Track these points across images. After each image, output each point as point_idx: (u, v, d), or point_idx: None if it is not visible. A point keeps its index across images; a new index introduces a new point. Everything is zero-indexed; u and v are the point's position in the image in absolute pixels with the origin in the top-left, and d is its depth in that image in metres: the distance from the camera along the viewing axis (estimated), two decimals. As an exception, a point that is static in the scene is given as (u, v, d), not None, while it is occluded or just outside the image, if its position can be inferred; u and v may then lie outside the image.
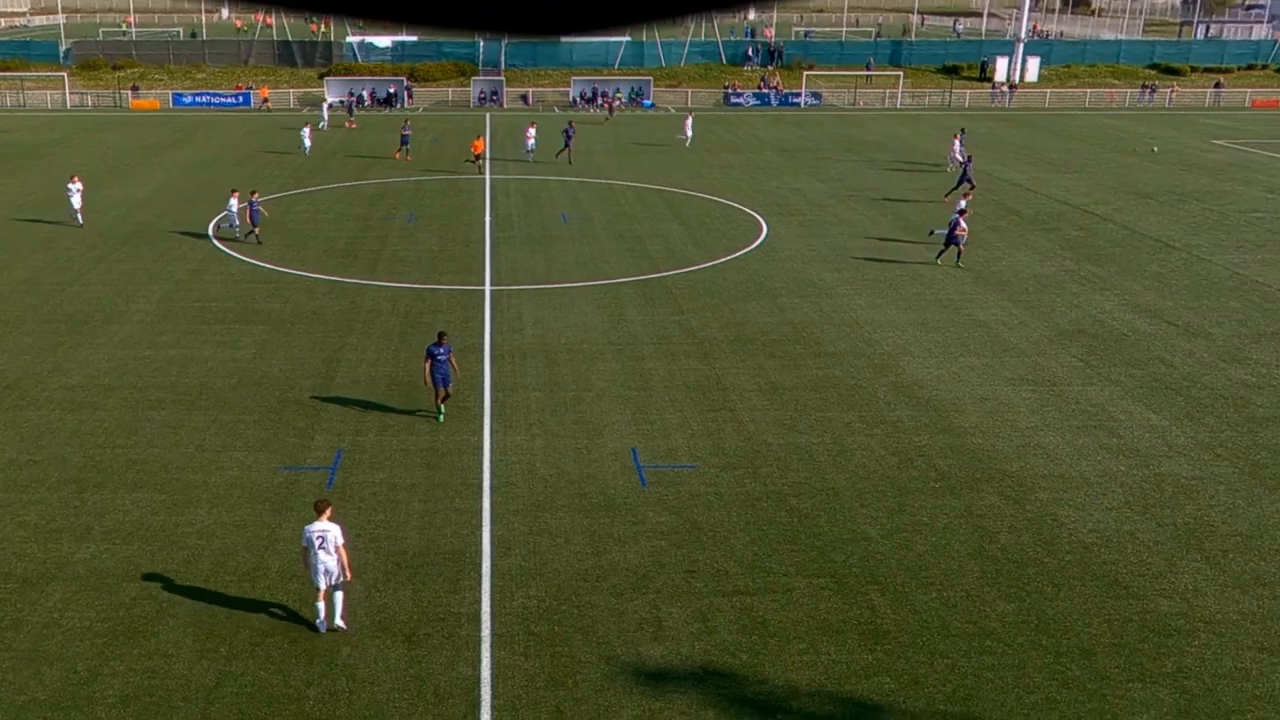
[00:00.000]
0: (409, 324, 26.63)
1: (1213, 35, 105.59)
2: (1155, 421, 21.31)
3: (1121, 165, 51.57)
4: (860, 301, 28.86)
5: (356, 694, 13.09)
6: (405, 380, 22.87)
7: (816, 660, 13.80)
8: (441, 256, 33.24)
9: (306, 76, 75.74)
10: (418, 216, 38.86)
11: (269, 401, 21.82)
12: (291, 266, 31.68)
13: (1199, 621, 14.73)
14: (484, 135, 48.42)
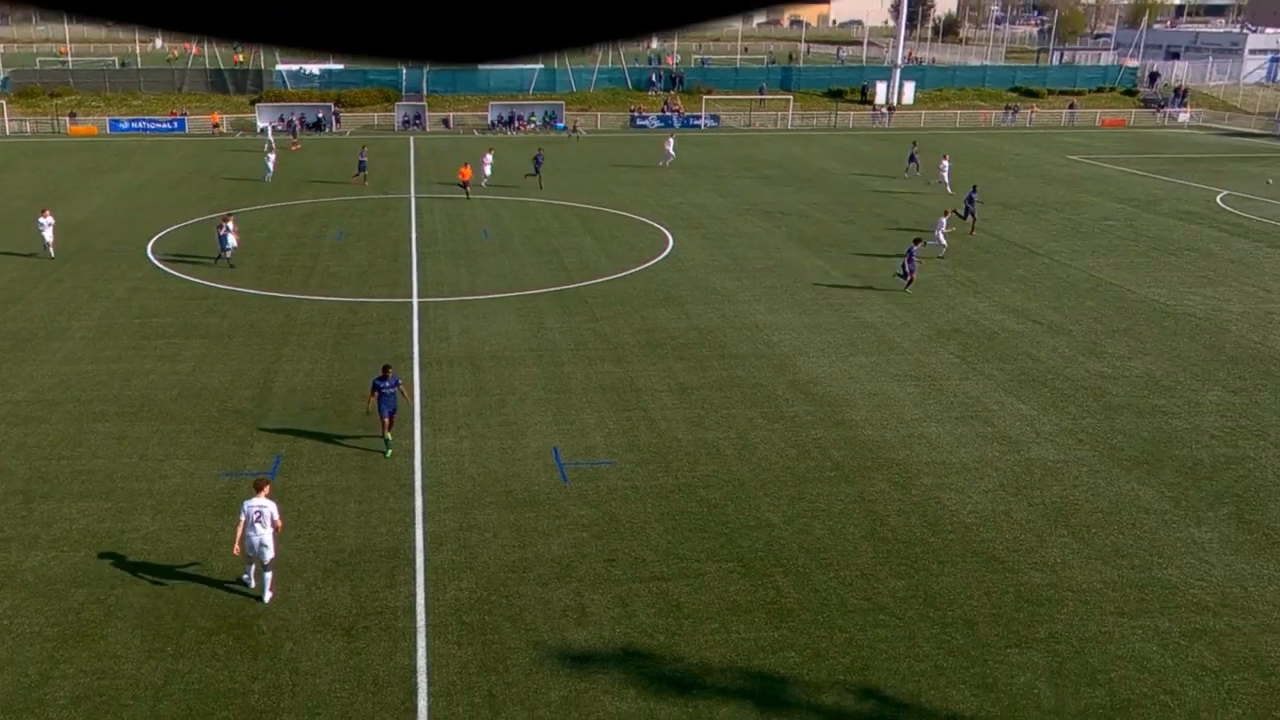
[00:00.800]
0: (342, 335, 26.20)
1: (1066, 61, 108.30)
2: (1024, 411, 21.79)
3: (989, 179, 52.57)
4: (759, 307, 29.08)
5: (300, 686, 12.84)
6: (339, 388, 22.52)
7: (727, 638, 13.87)
8: (371, 271, 32.76)
9: (238, 103, 74.06)
10: (347, 234, 38.24)
11: (209, 411, 21.31)
12: (228, 283, 30.97)
13: (1067, 591, 15.09)
14: (469, 162, 46.72)
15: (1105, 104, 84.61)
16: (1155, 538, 16.64)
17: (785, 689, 12.88)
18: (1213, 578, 15.47)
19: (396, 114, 72.92)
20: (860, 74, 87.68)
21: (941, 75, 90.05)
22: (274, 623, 14.13)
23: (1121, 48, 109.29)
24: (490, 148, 52.32)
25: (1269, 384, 23.50)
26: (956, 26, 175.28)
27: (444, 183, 49.07)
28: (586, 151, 61.00)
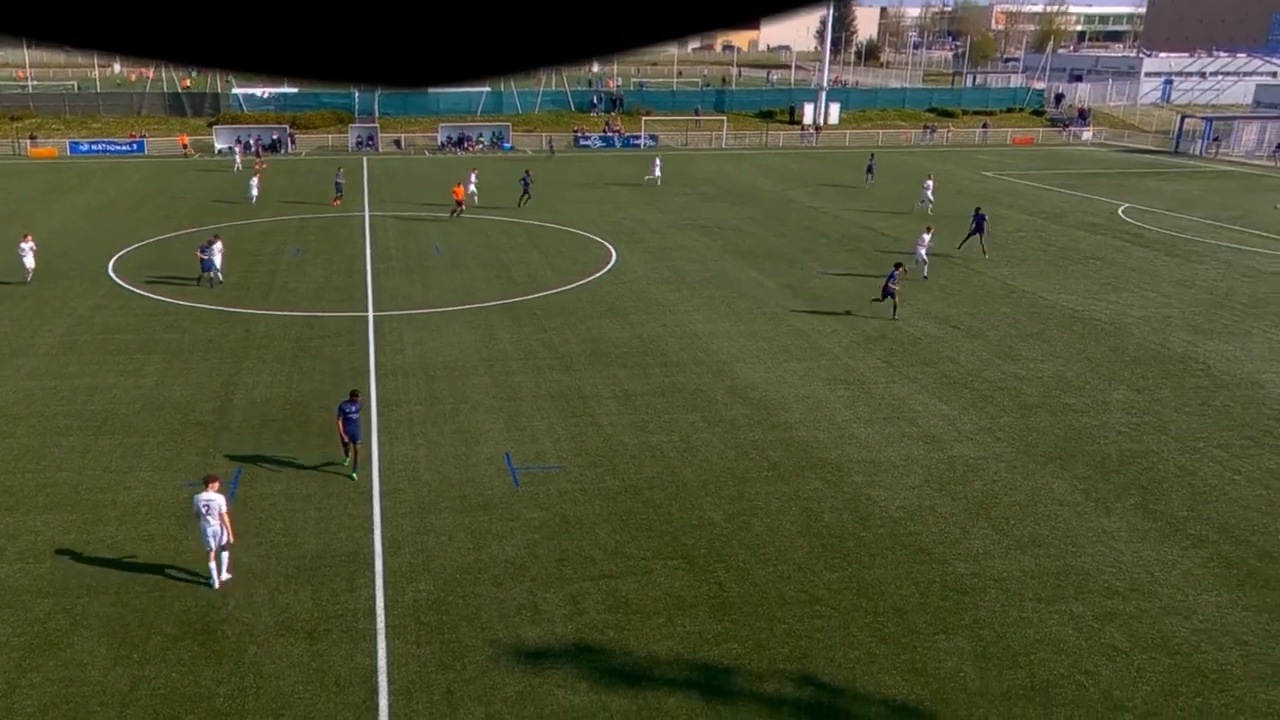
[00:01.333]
0: (300, 349, 25.83)
1: (979, 84, 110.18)
2: (947, 411, 22.07)
3: (909, 194, 53.23)
4: (698, 317, 29.16)
5: (264, 689, 12.62)
6: (298, 400, 22.20)
7: (673, 632, 13.87)
8: (327, 286, 32.36)
9: (196, 125, 72.85)
10: (304, 251, 37.75)
11: (171, 424, 20.90)
12: (188, 299, 30.41)
13: (989, 580, 15.30)
14: (463, 183, 45.59)
15: (1015, 123, 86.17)
16: (1069, 528, 16.92)
17: (729, 679, 12.91)
18: (1122, 564, 15.77)
19: (350, 135, 72.20)
20: (789, 96, 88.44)
21: (864, 97, 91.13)
22: (238, 627, 13.88)
23: (1029, 71, 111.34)
24: (474, 168, 51.34)
25: (1168, 383, 24.03)
26: (877, 51, 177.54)
27: (397, 201, 48.63)
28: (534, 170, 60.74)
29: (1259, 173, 64.94)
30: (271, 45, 0.84)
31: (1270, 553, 16.11)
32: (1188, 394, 23.28)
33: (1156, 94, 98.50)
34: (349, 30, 0.83)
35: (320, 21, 0.82)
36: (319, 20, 0.82)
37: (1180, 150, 75.31)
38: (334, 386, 22.99)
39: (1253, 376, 24.51)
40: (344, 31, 0.83)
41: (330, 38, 0.83)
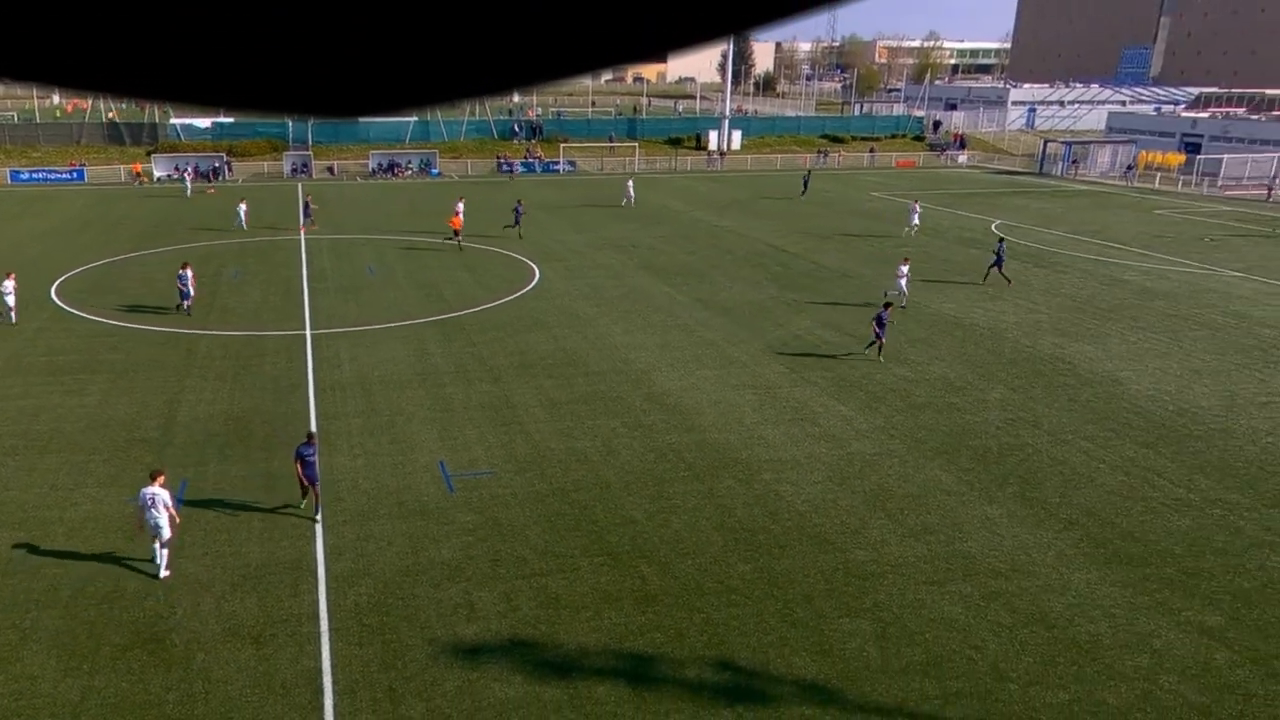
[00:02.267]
0: (241, 367, 25.14)
1: (866, 112, 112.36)
2: (844, 412, 22.39)
3: (806, 214, 54.09)
4: (617, 329, 29.15)
5: (212, 694, 12.22)
6: (240, 415, 21.59)
7: (601, 624, 13.81)
8: (265, 306, 31.57)
9: (135, 154, 70.52)
10: (243, 273, 36.78)
11: (116, 441, 20.16)
12: (131, 321, 29.40)
13: (886, 566, 15.54)
14: (459, 213, 42.67)
15: (899, 148, 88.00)
16: (956, 516, 17.29)
17: (653, 666, 12.88)
18: (1003, 548, 16.16)
19: (285, 163, 70.64)
20: (695, 124, 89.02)
21: (763, 124, 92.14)
22: (186, 635, 13.42)
23: (910, 100, 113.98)
24: (461, 196, 48.95)
25: (1040, 382, 24.74)
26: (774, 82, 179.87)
27: (331, 224, 47.67)
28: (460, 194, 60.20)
29: (1112, 191, 67.35)
30: (209, 77, 0.83)
31: (1132, 533, 16.67)
32: (1057, 391, 23.99)
33: (1022, 121, 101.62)
34: (284, 62, 0.82)
35: (256, 54, 0.81)
36: (255, 53, 0.80)
37: (1044, 171, 77.73)
38: (274, 402, 22.45)
39: (1113, 374, 25.36)
40: (279, 63, 0.82)
41: (266, 70, 0.82)
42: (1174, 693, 12.46)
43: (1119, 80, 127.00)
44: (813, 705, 12.10)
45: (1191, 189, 67.30)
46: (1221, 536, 16.61)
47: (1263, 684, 12.65)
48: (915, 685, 12.52)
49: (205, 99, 0.86)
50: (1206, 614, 14.25)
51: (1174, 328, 30.18)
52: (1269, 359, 27.02)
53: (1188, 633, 13.77)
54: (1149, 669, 12.94)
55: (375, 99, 0.86)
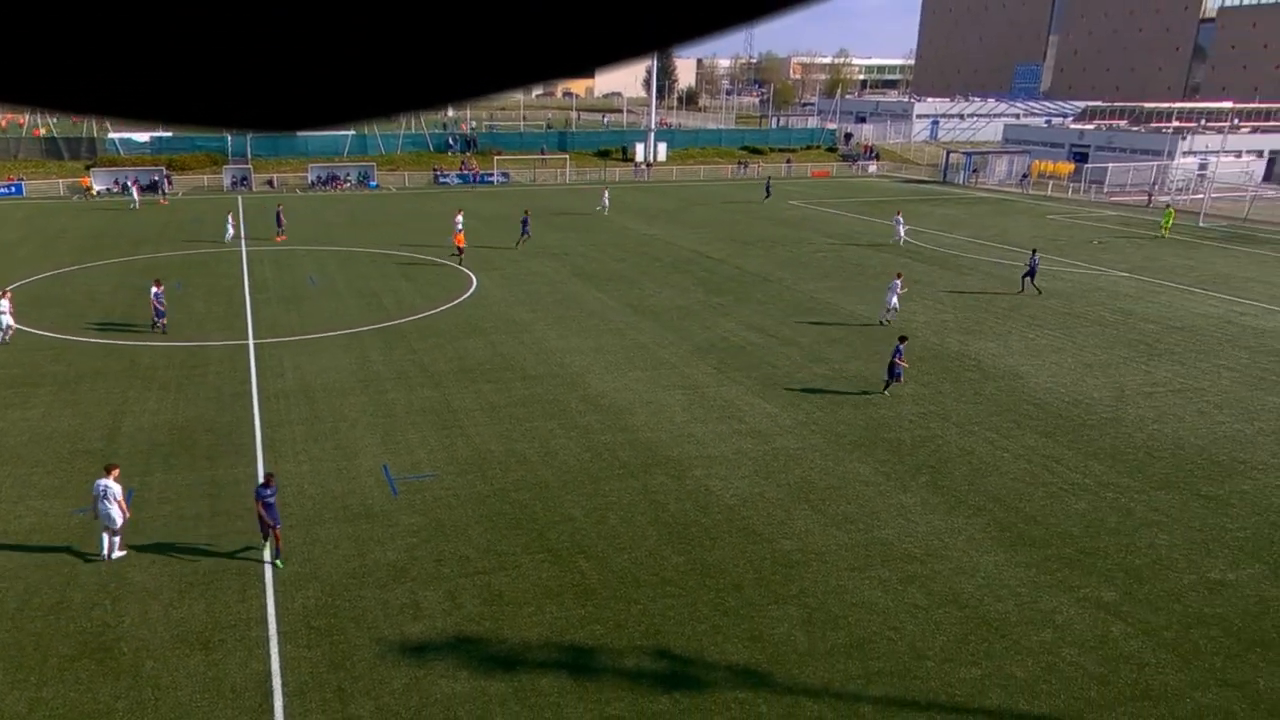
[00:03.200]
0: (184, 377, 24.42)
1: (783, 125, 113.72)
2: (769, 409, 22.60)
3: (729, 222, 54.49)
4: (552, 334, 29.02)
5: (162, 700, 11.85)
6: (184, 425, 20.98)
7: (543, 619, 13.73)
8: (209, 317, 30.71)
9: (73, 168, 68.03)
10: (185, 284, 35.74)
11: (60, 453, 19.43)
12: (73, 334, 28.35)
13: (811, 554, 15.73)
14: (463, 230, 41.55)
15: (814, 159, 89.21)
16: (873, 505, 17.58)
17: (593, 657, 12.85)
18: (918, 533, 16.48)
19: (225, 176, 68.78)
20: (622, 136, 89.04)
21: (687, 137, 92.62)
22: (134, 644, 12.99)
23: (823, 113, 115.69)
24: (459, 209, 47.86)
25: (948, 377, 25.29)
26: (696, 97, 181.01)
27: (270, 235, 46.56)
28: (398, 206, 59.40)
29: (1010, 198, 69.19)
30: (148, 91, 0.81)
31: (1034, 517, 17.14)
32: (963, 386, 24.55)
33: (926, 133, 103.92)
34: (224, 79, 0.81)
35: (196, 70, 0.79)
36: (195, 69, 0.79)
37: (947, 180, 79.50)
38: (218, 411, 21.86)
39: (1014, 369, 26.04)
40: (219, 80, 0.81)
41: (206, 86, 0.81)
42: (1075, 664, 12.84)
43: (1013, 95, 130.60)
44: (745, 689, 12.20)
45: (1080, 195, 69.48)
46: (1114, 518, 17.17)
47: (1154, 653, 13.11)
48: (840, 666, 12.70)
49: (145, 114, 0.84)
50: (1103, 590, 14.72)
51: (1068, 325, 31.12)
52: (1153, 352, 28.02)
53: (1086, 608, 14.20)
54: (1052, 643, 13.31)
55: (314, 114, 0.86)
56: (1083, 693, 12.25)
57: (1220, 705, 12.05)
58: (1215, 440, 21.03)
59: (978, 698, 12.12)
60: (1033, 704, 12.02)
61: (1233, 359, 27.44)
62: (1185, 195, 67.14)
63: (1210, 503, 17.89)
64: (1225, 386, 24.84)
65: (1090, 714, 11.84)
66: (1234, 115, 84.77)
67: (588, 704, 11.86)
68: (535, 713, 11.68)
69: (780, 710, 11.79)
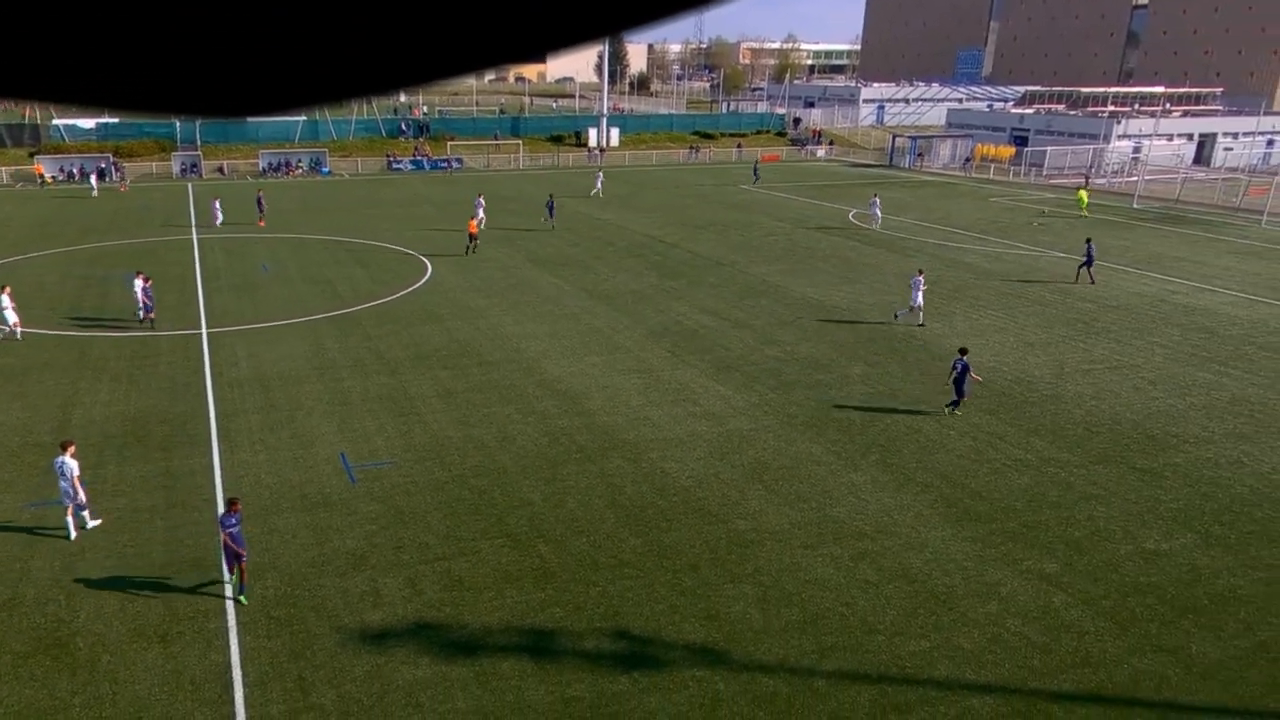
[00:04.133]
0: (136, 367, 23.88)
1: (733, 110, 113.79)
2: (723, 392, 22.71)
3: (681, 206, 54.49)
4: (508, 320, 28.84)
5: (120, 695, 11.63)
6: (137, 416, 20.53)
7: (503, 603, 13.70)
8: (160, 306, 29.94)
9: (16, 155, 65.96)
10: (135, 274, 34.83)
11: (9, 446, 18.91)
12: (20, 324, 27.52)
13: (765, 533, 15.87)
14: (475, 217, 40.93)
15: (764, 143, 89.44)
16: (825, 484, 17.77)
17: (554, 640, 12.86)
18: (868, 511, 16.70)
19: (174, 163, 67.21)
20: (575, 122, 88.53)
21: (639, 122, 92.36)
22: (90, 639, 12.73)
23: (772, 98, 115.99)
24: (480, 192, 49.25)
25: (895, 357, 25.60)
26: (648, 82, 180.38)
27: (223, 223, 45.59)
28: (351, 192, 58.51)
29: (953, 181, 70.04)
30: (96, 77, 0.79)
31: (979, 493, 17.46)
32: (910, 366, 24.87)
33: (873, 117, 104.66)
34: (172, 62, 0.79)
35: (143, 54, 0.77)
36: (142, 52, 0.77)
37: (894, 164, 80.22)
38: (171, 401, 21.42)
39: (958, 348, 26.38)
40: (166, 63, 0.79)
41: (154, 70, 0.79)
42: (1019, 634, 13.13)
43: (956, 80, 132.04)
44: (703, 667, 12.29)
45: (1021, 179, 70.56)
46: (1055, 492, 17.56)
47: (1093, 622, 13.45)
48: (794, 642, 12.85)
49: (93, 100, 0.82)
50: (1045, 562, 15.05)
51: (1009, 305, 31.64)
52: (1090, 330, 28.61)
53: (1029, 580, 14.52)
54: (997, 614, 13.59)
55: (265, 99, 0.84)
56: (1026, 662, 12.54)
57: (1156, 670, 12.41)
58: (1150, 415, 21.57)
59: (926, 669, 12.35)
60: (979, 674, 12.28)
61: (1165, 336, 28.13)
62: (1120, 178, 68.50)
63: (1145, 475, 18.36)
64: (1159, 363, 25.47)
65: (1034, 682, 12.13)
66: (1166, 100, 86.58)
67: (549, 686, 11.87)
68: (497, 696, 11.67)
69: (737, 687, 11.91)
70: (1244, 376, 24.40)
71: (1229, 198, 58.31)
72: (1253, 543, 15.77)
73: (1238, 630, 13.32)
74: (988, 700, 11.77)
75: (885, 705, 11.65)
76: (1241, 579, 14.65)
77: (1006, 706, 11.66)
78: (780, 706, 11.57)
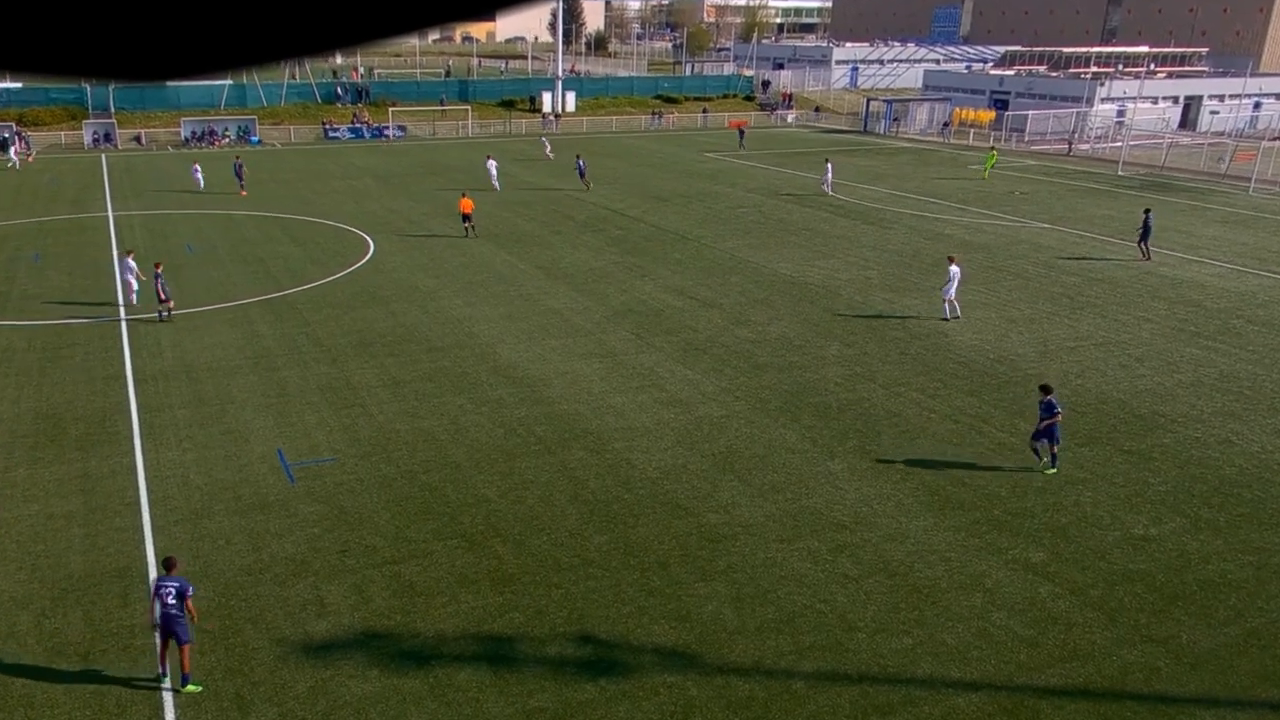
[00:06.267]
0: (48, 359, 23.34)
1: (697, 72, 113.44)
2: (690, 376, 22.71)
3: (643, 176, 54.30)
4: (458, 302, 28.59)
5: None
6: (50, 413, 20.08)
7: (458, 609, 13.61)
8: (74, 291, 29.35)
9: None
10: (44, 255, 34.05)
11: (-91, 450, 18.41)
12: (-83, 314, 26.83)
13: (738, 527, 15.92)
14: (469, 195, 39.32)
15: (731, 108, 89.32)
16: (801, 473, 17.86)
17: (513, 647, 12.81)
18: (846, 501, 16.81)
19: (85, 132, 65.60)
20: (528, 85, 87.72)
21: (597, 85, 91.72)
22: (3, 659, 12.44)
23: (739, 60, 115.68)
24: (488, 155, 51.19)
25: (873, 337, 25.77)
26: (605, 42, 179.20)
27: (142, 200, 44.66)
28: (285, 163, 57.56)
29: (930, 148, 70.52)
30: None
31: (962, 479, 17.65)
32: (889, 345, 25.05)
33: (846, 80, 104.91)
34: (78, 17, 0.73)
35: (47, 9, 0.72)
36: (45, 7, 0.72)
37: (868, 130, 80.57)
38: (90, 396, 20.98)
39: (939, 327, 26.67)
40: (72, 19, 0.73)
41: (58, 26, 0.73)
42: (1005, 628, 13.32)
43: (933, 39, 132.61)
44: (673, 672, 12.32)
45: (1001, 145, 71.19)
46: (1040, 477, 17.79)
47: (1081, 613, 13.68)
48: (770, 643, 12.92)
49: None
50: (1031, 551, 15.27)
51: (991, 279, 31.97)
52: (1075, 305, 29.01)
53: (1015, 570, 14.73)
54: (982, 607, 13.77)
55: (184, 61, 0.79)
56: (1013, 656, 12.72)
57: (1146, 662, 12.65)
58: (1136, 394, 21.93)
59: (909, 667, 12.49)
60: (964, 670, 12.43)
61: (1152, 310, 28.60)
62: (1104, 143, 69.39)
63: (1133, 457, 18.67)
64: (1145, 339, 25.90)
65: (1021, 678, 12.31)
66: (1150, 60, 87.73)
67: (509, 697, 11.83)
68: (453, 709, 11.61)
69: (710, 692, 11.96)
70: (1233, 351, 24.89)
71: (1215, 164, 59.33)
72: (1243, 525, 16.12)
73: (1228, 617, 13.62)
74: (973, 698, 11.93)
75: (867, 706, 11.76)
76: (1231, 563, 14.98)
77: (993, 704, 11.83)
78: (757, 711, 11.63)
